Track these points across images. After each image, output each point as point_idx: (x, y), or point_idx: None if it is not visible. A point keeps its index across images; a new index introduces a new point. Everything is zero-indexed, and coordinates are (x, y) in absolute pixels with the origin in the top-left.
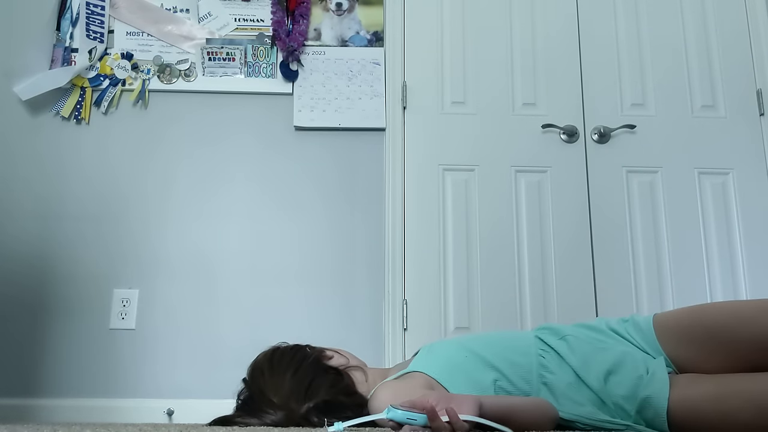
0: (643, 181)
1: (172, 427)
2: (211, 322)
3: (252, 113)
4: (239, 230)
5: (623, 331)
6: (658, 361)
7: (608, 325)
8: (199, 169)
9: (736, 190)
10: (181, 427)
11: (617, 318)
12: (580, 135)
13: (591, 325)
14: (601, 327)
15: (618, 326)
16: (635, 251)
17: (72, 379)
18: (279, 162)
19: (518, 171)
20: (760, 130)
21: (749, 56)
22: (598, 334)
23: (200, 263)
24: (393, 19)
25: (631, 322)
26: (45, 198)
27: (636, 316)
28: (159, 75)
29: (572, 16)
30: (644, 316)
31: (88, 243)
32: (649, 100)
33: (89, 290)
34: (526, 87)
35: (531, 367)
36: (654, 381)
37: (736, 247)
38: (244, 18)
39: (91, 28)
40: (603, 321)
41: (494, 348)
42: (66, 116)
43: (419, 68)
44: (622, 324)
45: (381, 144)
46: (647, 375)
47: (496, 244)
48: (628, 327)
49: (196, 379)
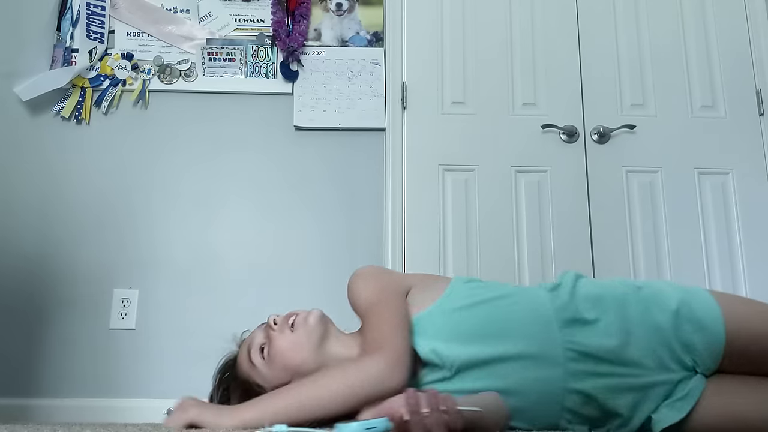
0: (643, 181)
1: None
2: (211, 322)
3: (252, 113)
4: (239, 230)
5: (669, 331)
6: (696, 379)
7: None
8: (200, 169)
9: (736, 190)
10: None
11: (656, 289)
12: (580, 135)
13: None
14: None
15: (663, 318)
16: (635, 251)
17: (72, 379)
18: (279, 162)
19: (518, 171)
20: (759, 130)
21: (749, 56)
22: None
23: (200, 263)
24: (393, 19)
25: (685, 313)
26: (45, 198)
27: (691, 301)
28: (159, 75)
29: (572, 16)
30: (701, 301)
31: (88, 243)
32: (649, 100)
33: (89, 290)
34: (526, 87)
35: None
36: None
37: (736, 247)
38: (244, 18)
39: (92, 29)
40: (634, 301)
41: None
42: (66, 116)
43: (419, 68)
44: (670, 315)
45: (381, 144)
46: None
47: (495, 244)
48: (682, 322)
49: (196, 379)
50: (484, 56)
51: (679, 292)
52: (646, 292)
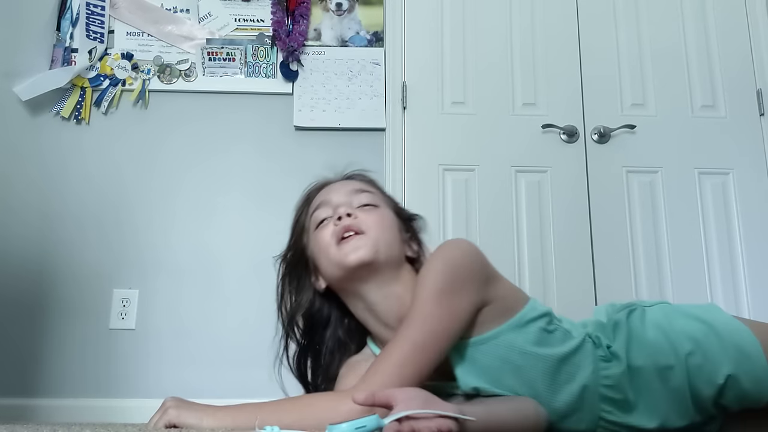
0: (643, 181)
1: (172, 427)
2: (211, 322)
3: (252, 113)
4: (239, 230)
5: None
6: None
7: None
8: (200, 169)
9: (736, 190)
10: (186, 427)
11: (708, 354)
12: (580, 135)
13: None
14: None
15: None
16: (635, 251)
17: (72, 379)
18: (279, 162)
19: (518, 171)
20: (760, 130)
21: (749, 56)
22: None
23: (200, 263)
24: (393, 19)
25: (731, 385)
26: (45, 198)
27: (741, 374)
28: (159, 75)
29: (572, 16)
30: (752, 371)
31: (88, 243)
32: (649, 100)
33: (89, 290)
34: (526, 87)
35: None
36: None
37: (736, 247)
38: (244, 18)
39: (91, 29)
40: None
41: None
42: (66, 116)
43: (419, 68)
44: (714, 389)
45: (381, 144)
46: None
47: (495, 244)
48: (726, 392)
49: (197, 379)
50: (484, 56)
51: (733, 357)
52: (695, 362)
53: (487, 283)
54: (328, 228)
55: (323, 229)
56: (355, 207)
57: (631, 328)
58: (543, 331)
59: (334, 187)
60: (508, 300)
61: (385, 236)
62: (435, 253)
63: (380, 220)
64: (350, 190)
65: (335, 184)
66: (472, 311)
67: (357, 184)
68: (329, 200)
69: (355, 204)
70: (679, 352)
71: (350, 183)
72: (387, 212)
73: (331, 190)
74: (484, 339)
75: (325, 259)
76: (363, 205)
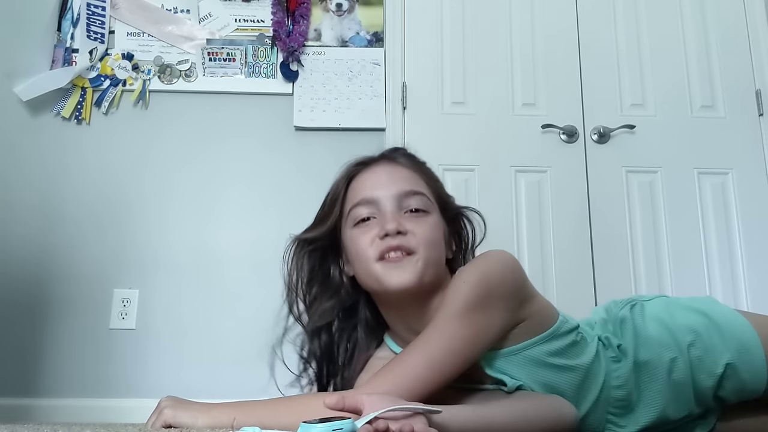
0: (643, 181)
1: (169, 427)
2: (211, 322)
3: (252, 113)
4: (239, 230)
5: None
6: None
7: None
8: (200, 169)
9: (736, 190)
10: (181, 426)
11: (708, 344)
12: (580, 135)
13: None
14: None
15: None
16: (635, 251)
17: (72, 379)
18: (279, 162)
19: (518, 171)
20: (759, 130)
21: (748, 56)
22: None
23: (200, 263)
24: (393, 20)
25: (730, 375)
26: (45, 198)
27: (740, 364)
28: (159, 75)
29: (572, 16)
30: (751, 363)
31: (88, 243)
32: (648, 100)
33: (89, 290)
34: (526, 87)
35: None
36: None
37: (736, 247)
38: (244, 18)
39: (92, 29)
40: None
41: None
42: (66, 116)
43: (419, 68)
44: (714, 379)
45: (381, 144)
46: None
47: (495, 244)
48: (725, 382)
49: (197, 379)
50: (484, 56)
51: (732, 348)
52: (696, 353)
53: (523, 303)
54: (369, 234)
55: (364, 235)
56: (403, 212)
57: (635, 324)
58: (571, 345)
59: (380, 180)
60: (541, 317)
61: (433, 255)
62: (474, 262)
63: (430, 234)
64: (398, 193)
65: (380, 172)
66: (502, 331)
67: (404, 176)
68: (374, 199)
69: (404, 207)
70: (681, 343)
71: (396, 172)
72: (435, 219)
73: (376, 184)
74: (513, 350)
75: (362, 266)
76: (412, 210)
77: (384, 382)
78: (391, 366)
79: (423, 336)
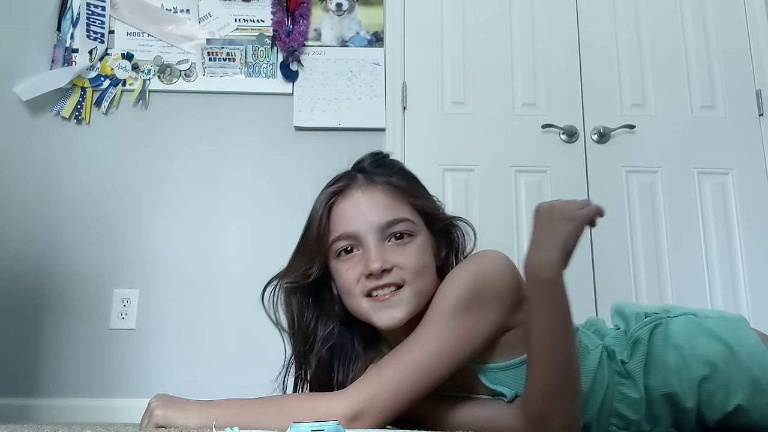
0: (643, 181)
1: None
2: (211, 323)
3: (252, 113)
4: (239, 230)
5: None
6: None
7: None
8: (200, 169)
9: (736, 190)
10: (181, 426)
11: (725, 379)
12: (580, 135)
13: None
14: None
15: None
16: (635, 251)
17: (72, 379)
18: (279, 162)
19: (518, 171)
20: (759, 130)
21: (748, 56)
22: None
23: (201, 263)
24: (393, 20)
25: (738, 413)
26: (46, 198)
27: (750, 405)
28: (159, 75)
29: (572, 16)
30: (763, 360)
31: (88, 243)
32: (648, 100)
33: (89, 290)
34: (526, 87)
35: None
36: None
37: (736, 247)
38: (244, 18)
39: (92, 29)
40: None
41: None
42: (66, 116)
43: (419, 68)
44: (720, 415)
45: (381, 144)
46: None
47: (495, 244)
48: (731, 418)
49: (197, 379)
50: (484, 56)
51: (747, 387)
52: (707, 388)
53: (516, 306)
54: (354, 271)
55: (348, 271)
56: (387, 241)
57: (651, 349)
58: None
59: (360, 210)
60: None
61: (423, 282)
62: (464, 262)
63: (417, 261)
64: (380, 225)
65: (359, 201)
66: (491, 334)
67: (384, 203)
68: (355, 234)
69: (387, 236)
70: (693, 376)
71: (375, 200)
72: (422, 240)
73: (356, 215)
74: (511, 365)
75: (349, 300)
76: (397, 237)
77: (369, 386)
78: (377, 369)
79: (411, 338)
